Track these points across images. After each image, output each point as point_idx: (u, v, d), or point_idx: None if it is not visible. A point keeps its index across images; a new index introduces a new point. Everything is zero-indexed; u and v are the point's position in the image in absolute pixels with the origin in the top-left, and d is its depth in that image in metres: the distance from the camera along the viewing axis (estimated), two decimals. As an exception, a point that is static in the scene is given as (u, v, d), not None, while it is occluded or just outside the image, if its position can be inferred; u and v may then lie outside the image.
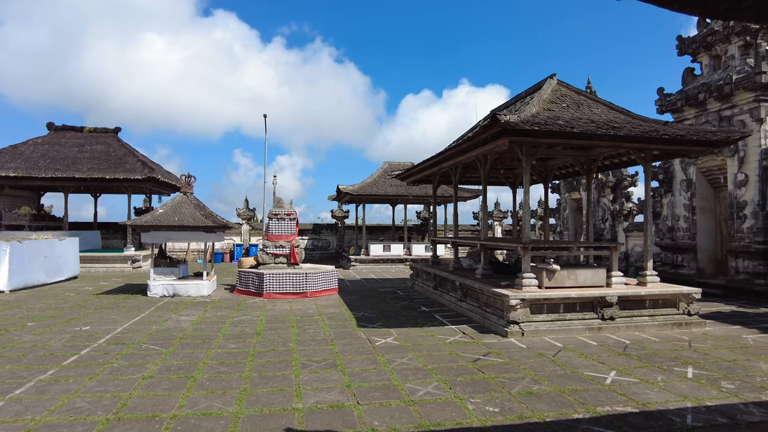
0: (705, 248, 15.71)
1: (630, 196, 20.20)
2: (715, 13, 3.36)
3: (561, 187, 23.91)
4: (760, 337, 9.18)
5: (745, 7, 3.34)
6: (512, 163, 14.71)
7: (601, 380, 6.46)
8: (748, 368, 7.09)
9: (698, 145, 9.94)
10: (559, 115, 9.98)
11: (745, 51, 14.32)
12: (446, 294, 12.66)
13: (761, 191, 13.62)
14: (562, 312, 9.47)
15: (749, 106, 13.83)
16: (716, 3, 3.27)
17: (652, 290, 10.00)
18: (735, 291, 13.85)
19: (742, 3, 3.30)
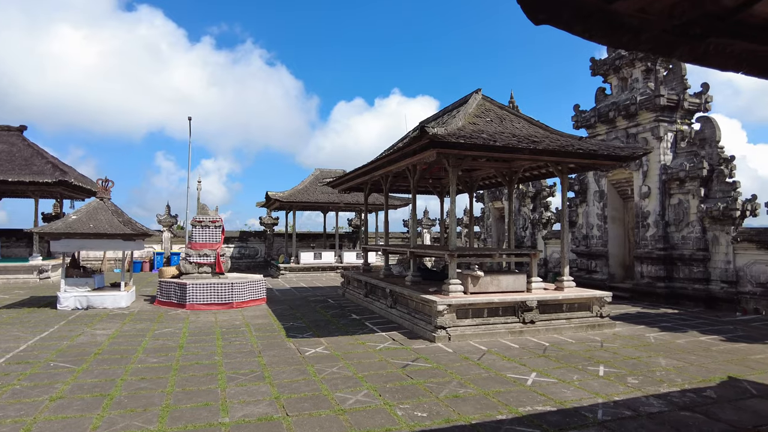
0: (615, 254, 17.01)
1: (548, 206, 21.45)
2: (619, 43, 3.68)
3: (485, 196, 24.93)
4: (660, 335, 10.06)
5: (644, 40, 3.71)
6: (440, 173, 15.17)
7: (523, 381, 6.79)
8: (650, 364, 7.75)
9: (608, 159, 10.78)
10: (484, 129, 10.44)
11: (647, 75, 15.74)
12: (377, 301, 12.77)
13: (662, 203, 14.99)
14: (486, 316, 9.86)
15: (651, 125, 15.21)
16: (620, 34, 3.60)
17: (569, 295, 10.67)
18: (640, 294, 15.10)
19: (641, 36, 3.67)
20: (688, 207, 14.35)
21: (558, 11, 3.43)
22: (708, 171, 13.91)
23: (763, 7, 3.59)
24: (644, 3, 3.26)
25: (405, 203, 25.84)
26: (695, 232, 14.11)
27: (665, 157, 15.01)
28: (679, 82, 15.07)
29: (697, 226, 14.08)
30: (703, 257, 13.86)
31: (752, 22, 3.69)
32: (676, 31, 3.42)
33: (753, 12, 3.60)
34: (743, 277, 13.03)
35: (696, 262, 14.02)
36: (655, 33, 3.63)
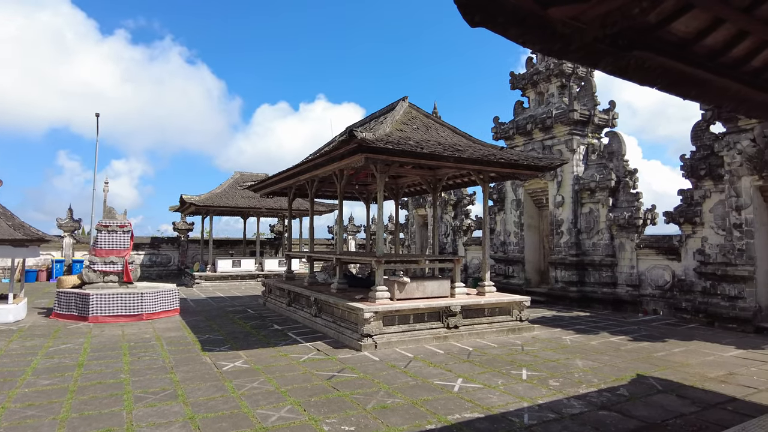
0: (531, 260, 17.80)
1: (469, 214, 22.10)
2: (550, 50, 3.73)
3: (409, 204, 25.24)
4: (576, 337, 10.56)
5: (573, 49, 3.78)
6: (367, 179, 15.07)
7: (450, 388, 6.76)
8: (568, 366, 8.06)
9: (528, 169, 11.21)
10: (411, 136, 10.46)
11: (562, 91, 16.70)
12: (300, 310, 12.35)
13: (574, 211, 15.90)
14: (412, 322, 9.82)
15: (565, 138, 16.12)
16: (552, 42, 3.64)
17: (491, 299, 10.93)
18: (555, 297, 15.88)
19: (572, 45, 3.73)
20: (598, 215, 15.33)
21: (494, 14, 3.38)
22: (615, 182, 14.97)
23: (679, 25, 3.79)
24: (578, 11, 3.30)
25: (330, 209, 25.51)
26: (604, 239, 15.10)
27: (578, 169, 15.96)
28: (590, 99, 16.12)
29: (605, 234, 15.08)
30: (611, 263, 14.85)
31: (669, 39, 3.88)
32: (606, 40, 3.50)
33: (671, 29, 3.78)
34: (644, 280, 14.11)
35: (605, 268, 14.99)
36: (585, 42, 3.69)
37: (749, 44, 4.11)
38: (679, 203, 13.24)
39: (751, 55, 4.26)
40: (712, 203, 12.33)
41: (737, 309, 11.34)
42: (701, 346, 9.68)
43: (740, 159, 11.47)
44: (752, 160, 11.26)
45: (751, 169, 11.30)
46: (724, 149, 11.85)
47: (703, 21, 3.72)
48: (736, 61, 4.28)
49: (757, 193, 11.45)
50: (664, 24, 3.60)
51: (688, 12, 3.53)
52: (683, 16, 3.58)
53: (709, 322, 11.85)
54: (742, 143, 11.46)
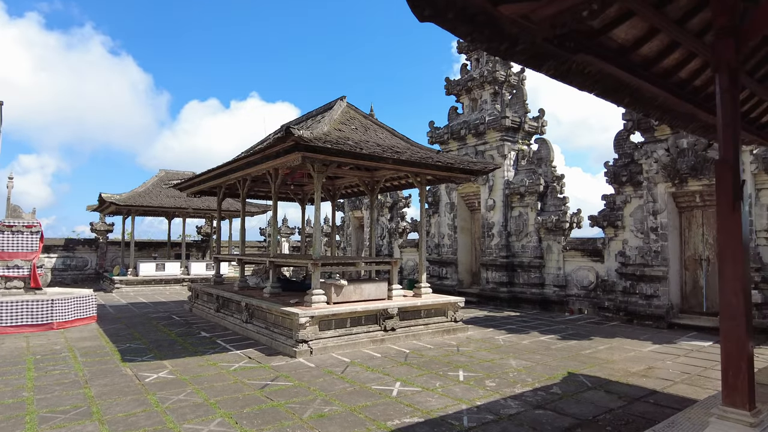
0: (464, 262, 18.17)
1: (405, 216, 22.24)
2: (496, 50, 3.71)
3: (345, 205, 25.04)
4: (508, 337, 10.82)
5: (519, 50, 3.77)
6: (302, 179, 14.69)
7: (389, 393, 6.63)
8: (503, 366, 8.20)
9: (464, 172, 11.38)
10: (349, 136, 10.28)
11: (494, 98, 17.20)
12: (230, 316, 11.77)
13: (505, 215, 16.40)
14: (349, 326, 9.62)
15: (497, 144, 16.60)
16: (499, 42, 3.60)
17: (427, 301, 10.96)
18: (486, 298, 16.28)
19: (518, 46, 3.72)
20: (527, 219, 15.91)
21: (444, 9, 3.27)
22: (544, 187, 15.60)
23: (619, 32, 3.88)
24: (528, 9, 3.27)
25: (263, 210, 24.74)
26: (533, 241, 15.69)
27: (508, 174, 16.49)
28: (521, 106, 16.72)
29: (534, 236, 15.67)
30: (539, 264, 15.44)
31: (610, 45, 3.97)
32: (555, 41, 3.51)
33: (612, 35, 3.86)
34: (570, 281, 14.79)
35: (533, 269, 15.56)
36: (530, 44, 3.69)
37: (678, 55, 4.31)
38: (602, 208, 14.01)
39: (679, 67, 4.48)
40: (632, 208, 13.15)
41: (653, 307, 12.14)
42: (623, 342, 10.23)
43: (656, 167, 12.31)
44: (666, 169, 12.12)
45: (665, 177, 12.16)
46: (642, 158, 12.68)
47: (641, 30, 3.83)
48: (666, 71, 4.48)
49: (670, 199, 12.34)
50: (606, 30, 3.68)
51: (628, 19, 3.62)
52: (624, 24, 3.67)
53: (628, 319, 12.60)
54: (658, 152, 12.31)
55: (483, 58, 17.67)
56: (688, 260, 12.48)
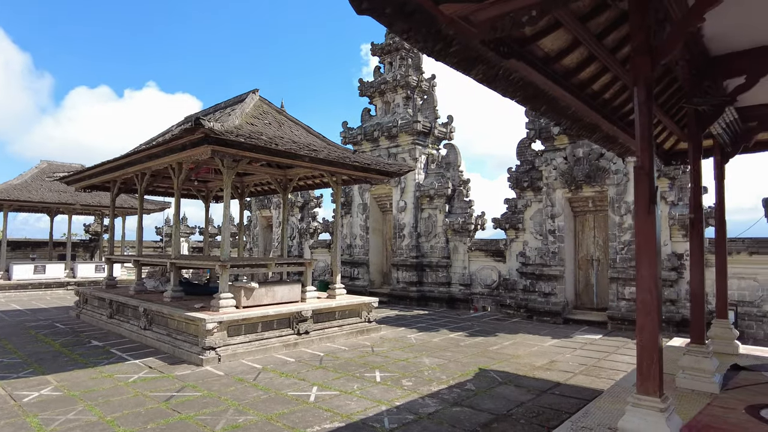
0: (375, 262, 18.28)
1: (316, 216, 21.90)
2: (431, 50, 3.69)
3: (252, 204, 24.10)
4: (420, 335, 11.01)
5: (452, 52, 3.79)
6: (208, 175, 13.88)
7: (306, 398, 6.41)
8: (418, 365, 8.30)
9: (380, 173, 11.41)
10: (263, 131, 9.86)
11: (407, 102, 17.51)
12: (126, 323, 10.76)
13: (415, 216, 16.75)
14: (260, 331, 9.21)
15: (409, 147, 16.92)
16: (434, 42, 3.59)
17: (342, 302, 10.83)
18: (397, 297, 16.51)
19: (451, 48, 3.73)
20: (436, 220, 16.37)
21: (382, 3, 3.20)
22: (452, 190, 16.16)
23: (547, 41, 4.04)
24: (470, 10, 3.28)
25: (161, 207, 23.04)
26: (441, 242, 16.18)
27: (419, 177, 16.87)
28: (432, 112, 17.20)
29: (442, 237, 16.17)
30: (446, 264, 15.96)
31: (537, 54, 4.13)
32: (491, 44, 3.57)
33: (540, 44, 4.02)
34: (475, 280, 15.46)
35: (441, 268, 16.05)
36: (464, 46, 3.73)
37: (593, 69, 4.60)
38: (504, 211, 14.81)
39: (593, 80, 4.78)
40: (533, 211, 14.04)
41: (550, 304, 13.05)
42: (526, 338, 10.85)
43: (555, 174, 13.26)
44: (564, 176, 13.09)
45: (563, 183, 13.13)
46: (542, 165, 13.59)
47: (565, 41, 4.02)
48: (582, 83, 4.76)
49: (567, 204, 13.35)
50: (536, 38, 3.80)
51: (555, 30, 3.78)
52: (551, 34, 3.82)
53: (528, 316, 13.43)
54: (557, 160, 13.26)
55: (396, 62, 17.92)
56: (581, 260, 13.59)
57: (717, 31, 4.37)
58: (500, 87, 4.39)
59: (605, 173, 12.53)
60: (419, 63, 17.67)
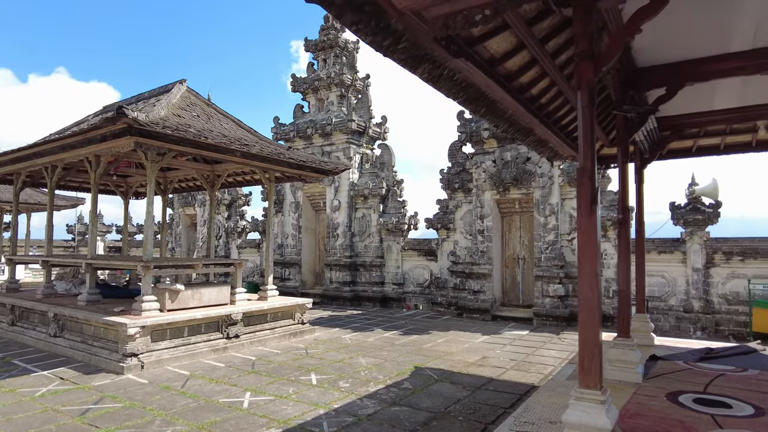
0: (308, 262, 17.96)
1: (244, 215, 21.16)
2: (379, 45, 3.62)
3: (175, 201, 22.84)
4: (354, 335, 10.93)
5: (400, 49, 3.74)
6: (128, 170, 12.94)
7: (239, 405, 6.12)
8: (354, 365, 8.21)
9: (315, 171, 11.19)
10: (191, 124, 9.33)
11: (341, 100, 17.35)
12: (32, 330, 9.77)
13: (349, 216, 16.65)
14: (187, 335, 8.71)
15: (343, 146, 16.78)
16: (383, 37, 3.52)
17: (274, 304, 10.50)
18: (330, 298, 16.31)
19: (400, 44, 3.68)
20: (370, 220, 16.37)
21: (333, -7, 3.11)
22: (386, 190, 16.23)
23: (493, 43, 4.10)
24: (423, 5, 3.23)
25: (73, 204, 21.25)
26: (375, 241, 16.20)
27: (353, 176, 16.79)
28: (366, 111, 17.17)
29: (376, 237, 16.19)
30: (380, 263, 16.00)
31: (483, 55, 4.18)
32: (442, 42, 3.55)
33: (487, 45, 4.07)
34: (408, 279, 15.63)
35: (375, 268, 16.07)
36: (412, 43, 3.69)
37: (533, 73, 4.74)
38: (437, 211, 15.08)
39: (532, 84, 4.93)
40: (463, 212, 14.41)
41: (479, 301, 13.45)
42: (458, 335, 11.09)
43: (484, 176, 13.69)
44: (493, 178, 13.55)
45: (492, 185, 13.59)
46: (473, 167, 13.99)
47: (510, 44, 4.10)
48: (522, 87, 4.89)
49: (495, 205, 13.83)
50: (484, 39, 3.84)
51: (503, 32, 3.84)
52: (498, 35, 3.88)
53: (459, 313, 13.76)
54: (486, 163, 13.70)
55: (330, 59, 17.72)
56: (508, 259, 14.14)
57: (643, 44, 4.66)
58: (444, 87, 4.40)
59: (531, 176, 13.12)
60: (354, 62, 17.58)
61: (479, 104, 4.94)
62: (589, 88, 3.37)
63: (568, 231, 12.81)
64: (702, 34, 4.45)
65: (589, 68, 3.38)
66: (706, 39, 4.47)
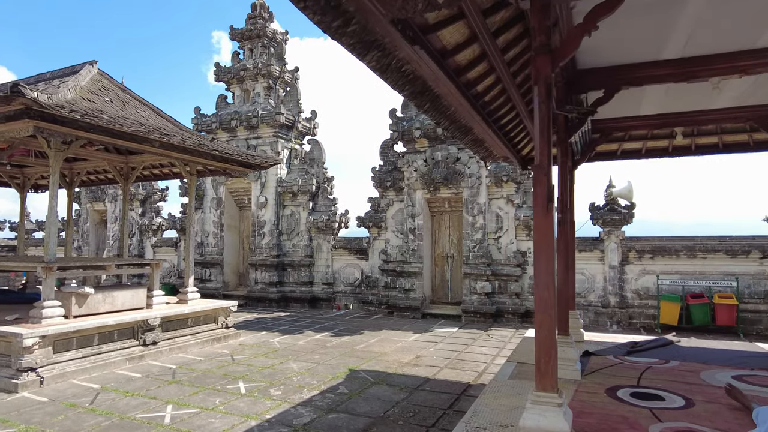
0: (230, 262, 17.08)
1: (160, 211, 19.75)
2: (328, 27, 3.33)
3: (82, 196, 20.86)
4: (283, 339, 10.47)
5: (350, 32, 3.48)
6: (26, 158, 11.52)
7: (159, 420, 5.54)
8: (285, 371, 7.80)
9: (242, 165, 10.57)
10: (103, 109, 8.42)
11: (268, 92, 16.66)
12: None
13: (277, 213, 16.03)
14: (97, 344, 7.85)
15: (270, 140, 16.12)
16: (333, 17, 3.24)
17: (196, 307, 9.79)
18: (254, 299, 15.61)
19: (350, 26, 3.42)
20: (299, 218, 15.86)
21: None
22: (316, 187, 15.80)
23: (446, 33, 3.94)
24: (382, -16, 3.01)
25: (-46, 197, 18.69)
26: (304, 240, 15.72)
27: (281, 172, 16.18)
28: (295, 105, 16.61)
29: (305, 235, 15.72)
30: (309, 263, 15.55)
31: (435, 45, 4.01)
32: (398, 25, 3.32)
33: (440, 35, 3.90)
34: (338, 278, 15.32)
35: (304, 267, 15.60)
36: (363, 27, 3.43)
37: (481, 69, 4.66)
38: (368, 209, 14.91)
39: (478, 80, 4.85)
40: (395, 210, 14.35)
41: (410, 299, 13.45)
42: (390, 334, 10.98)
43: (416, 175, 13.71)
44: (424, 177, 13.60)
45: (423, 184, 13.64)
46: (404, 166, 13.97)
47: (462, 35, 3.95)
48: (468, 83, 4.78)
49: (426, 204, 13.90)
50: (438, 28, 3.66)
51: (458, 21, 3.69)
52: (452, 25, 3.72)
53: (389, 312, 13.68)
54: (417, 162, 13.73)
55: (257, 49, 16.96)
56: (437, 257, 14.27)
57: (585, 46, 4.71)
58: (391, 78, 4.19)
59: (461, 176, 13.31)
60: (282, 53, 16.95)
61: (424, 99, 4.78)
62: (546, 82, 3.30)
63: (495, 230, 13.15)
64: (640, 39, 4.58)
65: (546, 63, 3.31)
66: (643, 45, 4.61)
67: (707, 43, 4.52)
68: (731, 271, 11.09)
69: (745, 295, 10.94)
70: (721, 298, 10.69)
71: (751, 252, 11.01)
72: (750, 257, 11.01)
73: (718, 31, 4.34)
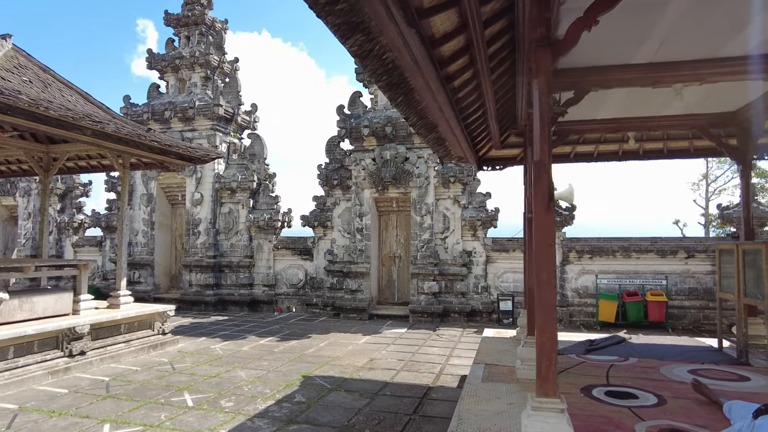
0: (162, 263, 15.96)
1: (82, 208, 18.14)
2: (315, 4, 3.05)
3: (-13, 189, 18.72)
4: (225, 345, 9.84)
5: (338, 10, 3.19)
6: None
7: (96, 442, 4.92)
8: (233, 380, 7.28)
9: (182, 158, 9.82)
10: (22, 90, 7.47)
11: (205, 83, 15.75)
12: None
13: (213, 211, 15.17)
14: (13, 357, 6.93)
15: (207, 133, 15.23)
16: (317, -5, 2.97)
17: (129, 313, 8.96)
18: (189, 303, 14.66)
19: (338, 4, 3.13)
20: (238, 216, 15.10)
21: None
22: (257, 184, 15.11)
23: (438, 20, 3.74)
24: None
25: None
26: (243, 240, 14.98)
27: (219, 167, 15.34)
28: (235, 97, 15.82)
29: (245, 235, 14.99)
30: (249, 264, 14.83)
31: (425, 33, 3.79)
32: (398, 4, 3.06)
33: (431, 22, 3.69)
34: (280, 279, 14.74)
35: (243, 269, 14.86)
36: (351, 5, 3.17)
37: (462, 62, 4.51)
38: (313, 208, 14.47)
39: (457, 74, 4.69)
40: (341, 209, 14.01)
41: (357, 300, 13.18)
42: (339, 337, 10.65)
43: (364, 174, 13.47)
44: (372, 176, 13.39)
45: (371, 183, 13.42)
46: (352, 164, 13.67)
47: (452, 24, 3.77)
48: (448, 76, 4.63)
49: (374, 203, 13.69)
50: (431, 13, 3.44)
51: (450, 8, 3.50)
52: (445, 12, 3.53)
53: (335, 314, 13.33)
54: (366, 161, 13.49)
55: (195, 37, 15.98)
56: (384, 258, 14.11)
57: (562, 44, 4.70)
58: (371, 66, 3.92)
59: (409, 176, 13.24)
60: (222, 42, 16.08)
61: (399, 91, 4.56)
62: (546, 76, 3.19)
63: (442, 230, 13.19)
64: (614, 42, 4.60)
65: (547, 56, 3.20)
66: (618, 48, 4.65)
67: (675, 49, 4.64)
68: (661, 270, 11.81)
69: (672, 292, 11.68)
70: (652, 295, 11.35)
71: (678, 252, 11.78)
72: (677, 257, 11.78)
73: (688, 38, 4.46)
